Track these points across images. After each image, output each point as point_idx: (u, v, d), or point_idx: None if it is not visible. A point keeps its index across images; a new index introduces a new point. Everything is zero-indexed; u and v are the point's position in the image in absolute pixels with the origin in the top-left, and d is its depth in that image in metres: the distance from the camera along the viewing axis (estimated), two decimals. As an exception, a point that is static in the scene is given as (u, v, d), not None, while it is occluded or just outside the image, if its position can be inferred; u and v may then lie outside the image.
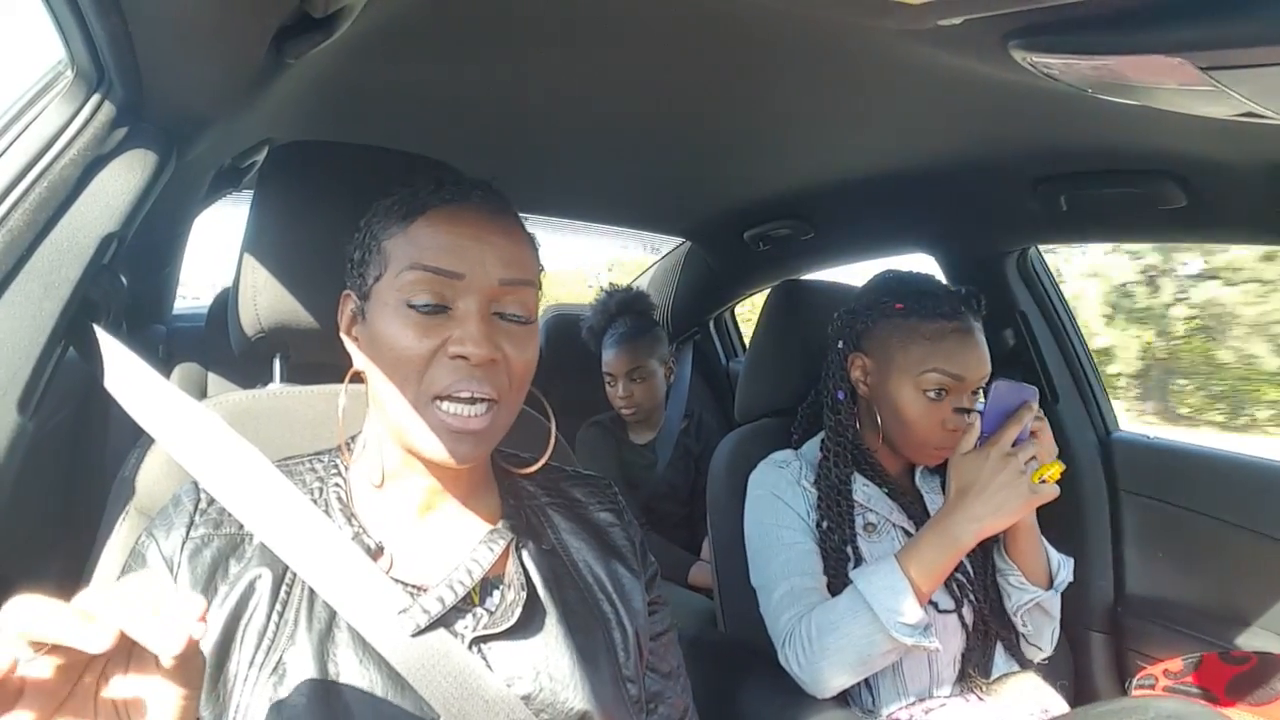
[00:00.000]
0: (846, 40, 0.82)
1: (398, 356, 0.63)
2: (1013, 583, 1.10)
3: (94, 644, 0.37)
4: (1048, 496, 0.97)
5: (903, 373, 1.09)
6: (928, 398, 1.07)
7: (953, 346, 1.07)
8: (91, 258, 0.70)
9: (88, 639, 0.37)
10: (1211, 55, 0.60)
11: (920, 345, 1.08)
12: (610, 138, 1.34)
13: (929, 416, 1.08)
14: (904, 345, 1.09)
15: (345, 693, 0.60)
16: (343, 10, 0.67)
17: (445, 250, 0.64)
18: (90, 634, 0.37)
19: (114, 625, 0.38)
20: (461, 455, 0.64)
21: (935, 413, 1.07)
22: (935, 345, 1.07)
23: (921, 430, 1.09)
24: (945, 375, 1.06)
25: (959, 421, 1.06)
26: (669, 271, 2.44)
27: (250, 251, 0.80)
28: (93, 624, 0.37)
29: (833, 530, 1.10)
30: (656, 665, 0.78)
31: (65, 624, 0.37)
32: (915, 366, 1.08)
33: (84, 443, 1.41)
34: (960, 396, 1.07)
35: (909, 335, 1.09)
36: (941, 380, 1.06)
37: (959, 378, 1.06)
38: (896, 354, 1.10)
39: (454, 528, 0.70)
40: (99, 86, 0.70)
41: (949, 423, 1.07)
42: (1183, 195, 1.13)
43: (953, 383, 1.06)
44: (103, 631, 0.37)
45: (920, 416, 1.08)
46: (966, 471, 0.99)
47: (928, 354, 1.07)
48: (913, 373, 1.08)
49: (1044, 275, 1.62)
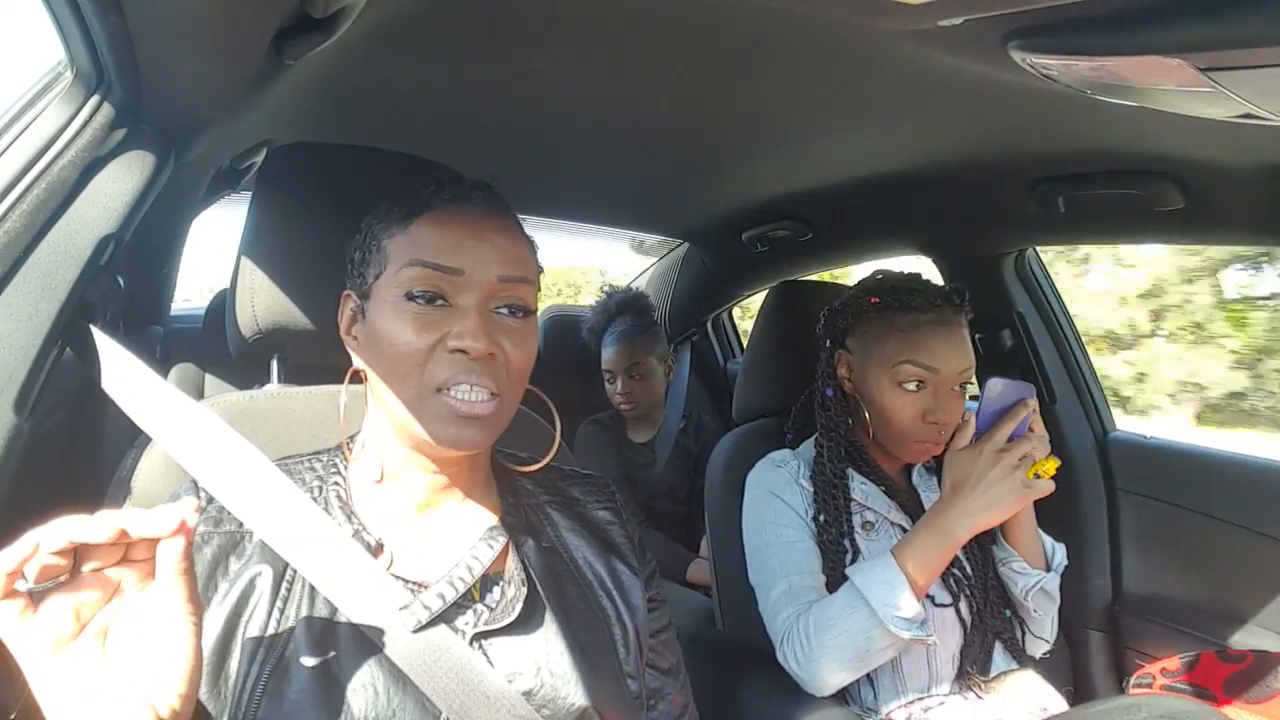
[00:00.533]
0: (846, 41, 0.82)
1: (397, 351, 0.64)
2: (1016, 569, 1.11)
3: (98, 533, 0.44)
4: (1042, 492, 0.97)
5: (880, 367, 1.10)
6: (905, 390, 1.08)
7: (926, 337, 1.07)
8: (89, 259, 0.70)
9: (92, 530, 0.44)
10: (1210, 56, 0.60)
11: (894, 338, 1.09)
12: (609, 139, 1.34)
13: (907, 409, 1.08)
14: (880, 339, 1.10)
15: (346, 689, 0.60)
16: (342, 11, 0.67)
17: (445, 248, 0.65)
18: (93, 526, 0.44)
19: (114, 521, 0.44)
20: (467, 441, 0.65)
21: (913, 405, 1.08)
22: (908, 337, 1.07)
23: (902, 424, 1.09)
24: (920, 367, 1.06)
25: (940, 415, 1.07)
26: (667, 272, 2.44)
27: (248, 253, 0.80)
28: (94, 520, 0.44)
29: (830, 524, 1.10)
30: (656, 662, 0.79)
31: (71, 526, 0.44)
32: (890, 359, 1.08)
33: (81, 443, 1.41)
34: (939, 390, 1.07)
35: (884, 329, 1.10)
36: (916, 372, 1.07)
37: (933, 369, 1.06)
38: (874, 349, 1.11)
39: (454, 525, 0.71)
40: (98, 87, 0.70)
41: (929, 415, 1.07)
42: (1181, 197, 1.13)
43: (928, 374, 1.07)
44: (104, 524, 0.44)
45: (898, 410, 1.08)
46: (961, 467, 1.00)
47: (901, 346, 1.08)
48: (888, 366, 1.08)
49: (1041, 276, 1.63)
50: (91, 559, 0.46)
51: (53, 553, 0.43)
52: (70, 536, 0.43)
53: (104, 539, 0.44)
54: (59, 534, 0.43)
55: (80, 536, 0.44)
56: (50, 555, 0.43)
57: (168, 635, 0.47)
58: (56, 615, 0.45)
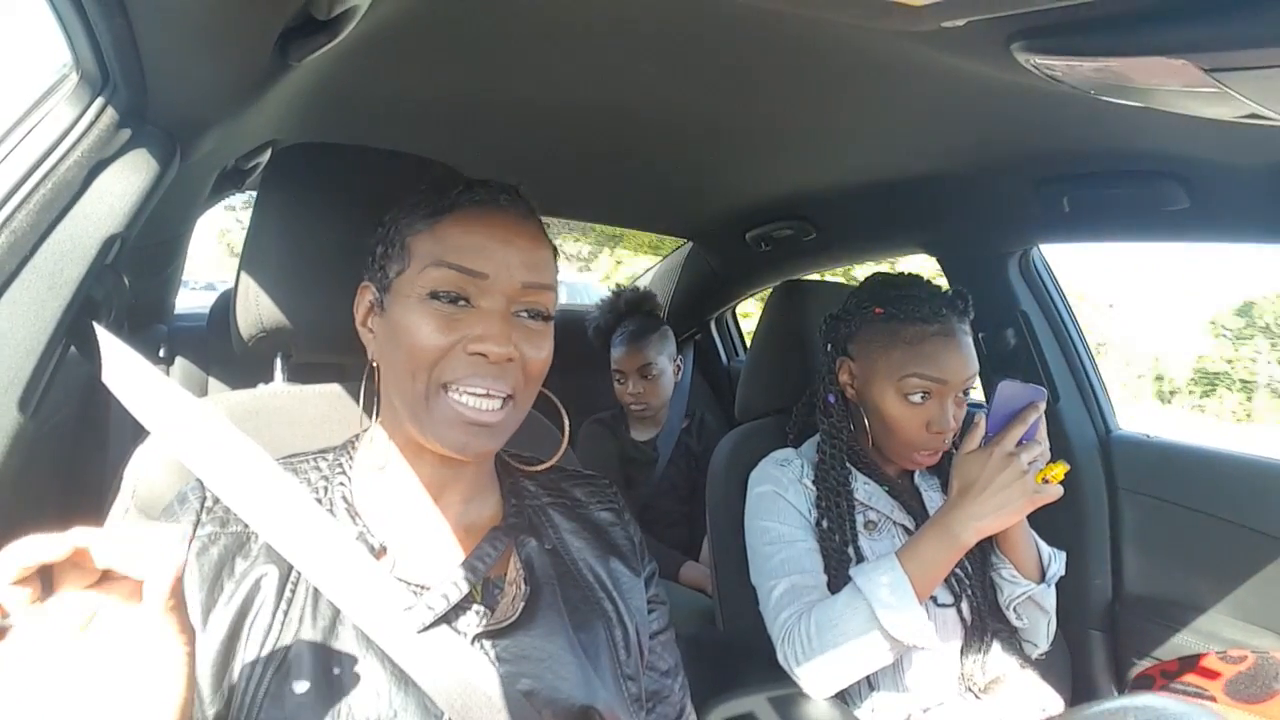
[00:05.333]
0: (850, 42, 0.82)
1: (414, 345, 0.64)
2: (1005, 576, 1.10)
3: (54, 552, 0.41)
4: (1050, 497, 0.97)
5: (884, 378, 1.08)
6: (910, 402, 1.07)
7: (933, 350, 1.06)
8: (95, 257, 0.70)
9: (47, 549, 0.41)
10: (1215, 57, 0.60)
11: (900, 350, 1.07)
12: (613, 139, 1.34)
13: (912, 420, 1.07)
14: (885, 350, 1.09)
15: (349, 690, 0.60)
16: (347, 13, 0.67)
17: (471, 250, 0.65)
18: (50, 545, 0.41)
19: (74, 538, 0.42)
20: (475, 448, 0.65)
21: (918, 416, 1.07)
22: (915, 349, 1.06)
23: (906, 434, 1.08)
24: (926, 379, 1.06)
25: (944, 424, 1.06)
26: (670, 271, 2.44)
27: (253, 251, 0.80)
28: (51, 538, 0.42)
29: (833, 530, 1.10)
30: (655, 663, 0.79)
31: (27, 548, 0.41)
32: (896, 371, 1.07)
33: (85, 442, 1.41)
34: (944, 399, 1.07)
35: (889, 340, 1.09)
36: (923, 384, 1.06)
37: (940, 381, 1.05)
38: (878, 359, 1.10)
39: (456, 526, 0.71)
40: (103, 89, 0.71)
41: (933, 425, 1.07)
42: (1185, 196, 1.13)
43: (935, 386, 1.06)
44: (60, 542, 0.41)
45: (903, 420, 1.08)
46: (969, 470, 0.99)
47: (908, 359, 1.06)
48: (894, 378, 1.07)
49: (1046, 275, 1.63)
50: (64, 582, 0.43)
51: (12, 583, 0.41)
52: (22, 562, 0.40)
53: (59, 558, 0.41)
54: (13, 560, 0.40)
55: (35, 558, 0.41)
56: (8, 586, 0.41)
57: (157, 670, 0.45)
58: (24, 644, 0.43)
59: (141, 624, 0.45)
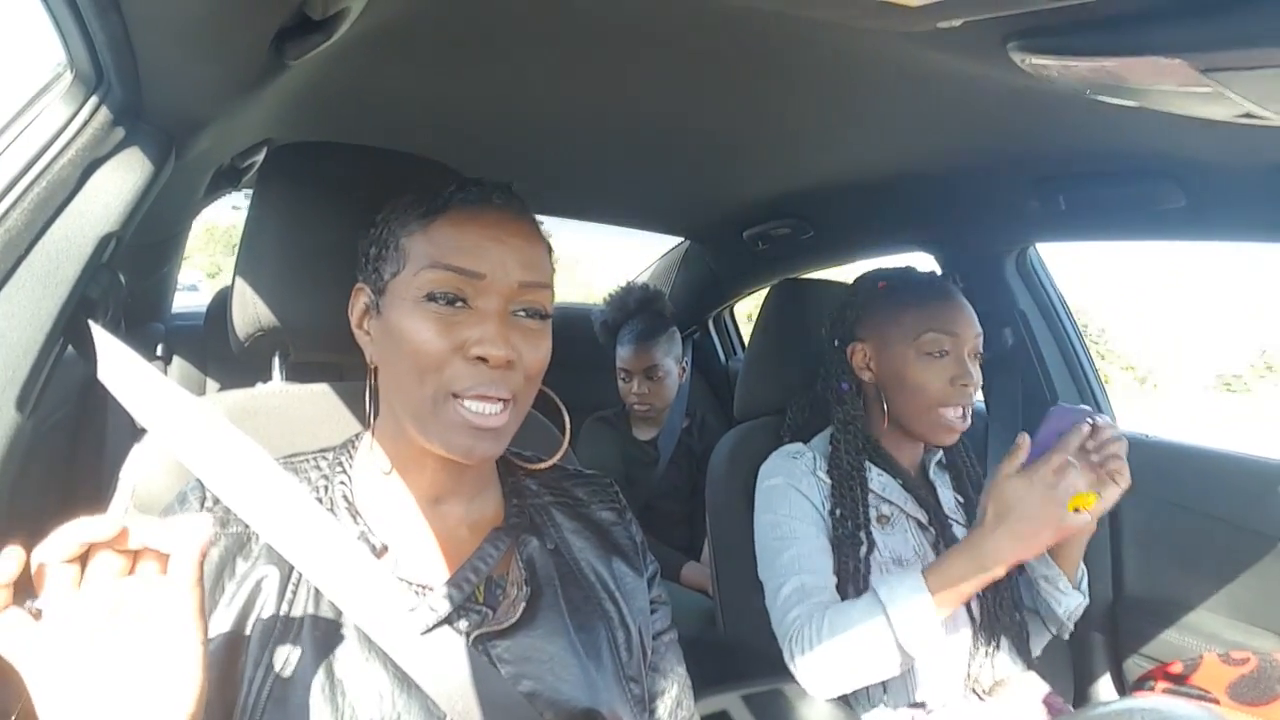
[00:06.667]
0: (846, 42, 0.82)
1: (416, 350, 0.64)
2: (1061, 588, 1.09)
3: (104, 531, 0.44)
4: (1080, 529, 0.95)
5: (901, 344, 1.12)
6: (933, 358, 1.10)
7: (940, 307, 1.12)
8: (90, 256, 0.70)
9: (98, 528, 0.44)
10: (1210, 57, 0.60)
11: (910, 312, 1.12)
12: (610, 139, 1.34)
13: (936, 377, 1.10)
14: (896, 318, 1.13)
15: (351, 691, 0.60)
16: (342, 12, 0.67)
17: (466, 250, 0.65)
18: (100, 524, 0.44)
19: (118, 520, 0.45)
20: (480, 453, 0.65)
21: (942, 373, 1.10)
22: (924, 308, 1.12)
23: (932, 392, 1.10)
24: (941, 333, 1.10)
25: (968, 376, 1.09)
26: (668, 270, 2.44)
27: (249, 250, 0.80)
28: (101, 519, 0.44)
29: (846, 517, 1.10)
30: (657, 664, 0.79)
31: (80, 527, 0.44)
32: (911, 333, 1.11)
33: (83, 441, 1.41)
34: (960, 353, 1.10)
35: (898, 307, 1.14)
36: (939, 338, 1.10)
37: (954, 334, 1.10)
38: (891, 330, 1.14)
39: (458, 526, 0.71)
40: (98, 87, 0.70)
41: (958, 378, 1.09)
42: (1182, 195, 1.13)
43: (950, 340, 1.10)
44: (109, 522, 0.44)
45: (927, 378, 1.10)
46: (1008, 496, 0.94)
47: (920, 319, 1.11)
48: (910, 340, 1.11)
49: (1043, 274, 1.63)
50: (99, 568, 0.46)
51: (65, 560, 0.43)
52: (78, 539, 0.43)
53: (109, 536, 0.44)
54: (69, 538, 0.43)
55: (86, 536, 0.44)
56: (62, 564, 0.43)
57: (176, 653, 0.46)
58: (61, 627, 0.44)
59: (167, 605, 0.46)
